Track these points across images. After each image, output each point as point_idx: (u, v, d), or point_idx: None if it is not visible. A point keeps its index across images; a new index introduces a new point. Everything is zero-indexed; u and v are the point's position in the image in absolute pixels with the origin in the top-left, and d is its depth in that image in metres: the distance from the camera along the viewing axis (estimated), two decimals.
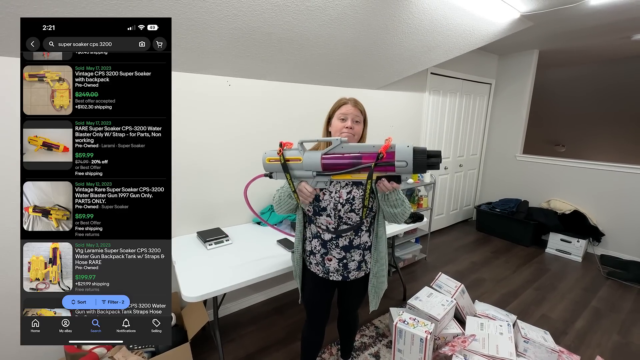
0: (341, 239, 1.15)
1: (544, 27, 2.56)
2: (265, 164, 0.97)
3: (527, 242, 3.25)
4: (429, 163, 0.80)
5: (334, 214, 1.12)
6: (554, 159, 3.39)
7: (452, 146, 3.55)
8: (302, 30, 1.57)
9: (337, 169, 0.88)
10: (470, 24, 2.03)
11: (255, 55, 1.67)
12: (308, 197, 0.99)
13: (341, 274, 1.19)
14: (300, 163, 0.92)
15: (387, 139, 0.84)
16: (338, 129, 1.11)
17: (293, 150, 0.95)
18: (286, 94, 2.06)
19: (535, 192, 3.50)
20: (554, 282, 2.55)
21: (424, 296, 1.84)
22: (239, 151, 1.93)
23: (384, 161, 0.82)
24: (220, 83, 1.78)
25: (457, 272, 2.70)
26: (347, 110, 1.12)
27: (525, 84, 3.49)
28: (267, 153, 0.97)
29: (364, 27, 1.67)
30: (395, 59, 2.20)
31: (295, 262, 1.27)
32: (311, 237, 1.21)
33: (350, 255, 1.17)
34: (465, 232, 3.68)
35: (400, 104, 2.84)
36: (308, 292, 1.28)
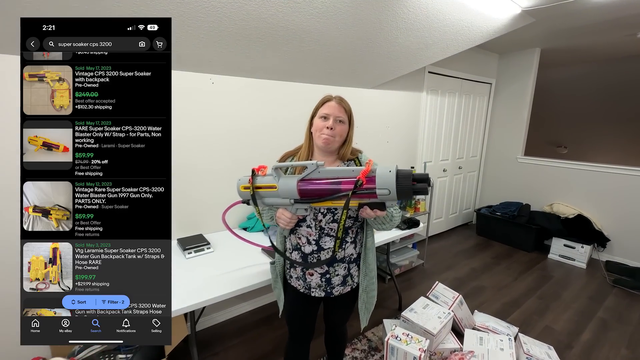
0: (323, 252, 1.03)
1: (546, 23, 2.46)
2: (240, 191, 0.91)
3: (529, 248, 3.14)
4: (415, 189, 0.70)
5: (315, 225, 1.02)
6: (556, 160, 3.28)
7: (451, 148, 3.44)
8: (288, 24, 1.47)
9: (316, 196, 0.80)
10: (469, 20, 1.93)
11: (239, 51, 1.57)
12: (288, 223, 0.92)
13: (324, 289, 1.08)
14: (276, 191, 0.83)
15: (367, 162, 0.76)
16: (318, 128, 1.01)
17: (267, 176, 0.87)
18: (274, 93, 1.96)
19: (538, 195, 3.39)
20: (558, 290, 2.44)
21: (419, 307, 1.72)
22: (224, 153, 1.83)
23: (364, 188, 0.73)
24: (202, 80, 1.68)
25: (456, 279, 2.58)
26: (330, 108, 1.01)
27: (526, 83, 3.38)
28: (240, 180, 0.91)
29: (355, 22, 1.57)
30: (390, 56, 2.09)
31: (275, 275, 1.16)
32: (291, 249, 1.10)
33: (333, 269, 1.06)
34: (465, 237, 3.57)
35: (397, 104, 2.73)
36: (289, 307, 1.17)
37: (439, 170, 3.37)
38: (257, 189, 0.87)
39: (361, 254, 1.10)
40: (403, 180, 0.69)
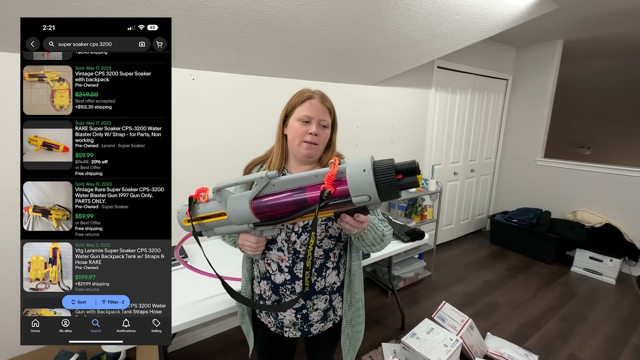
0: (298, 282, 0.84)
1: (571, 11, 2.20)
2: (184, 226, 0.72)
3: (550, 259, 2.86)
4: (402, 184, 0.54)
5: (287, 248, 0.82)
6: (580, 163, 2.98)
7: (462, 149, 3.19)
8: (274, 12, 1.30)
9: (278, 214, 0.64)
10: (483, 7, 1.71)
11: (222, 43, 1.41)
12: (256, 248, 0.74)
13: (300, 328, 0.89)
14: (227, 219, 0.67)
15: (331, 162, 0.58)
16: (298, 134, 0.80)
17: (210, 202, 0.69)
18: (263, 90, 1.79)
19: (559, 202, 3.10)
20: (583, 311, 2.17)
21: (422, 332, 1.51)
22: (206, 155, 1.67)
23: (335, 196, 0.57)
24: (181, 76, 1.53)
25: (466, 294, 2.35)
26: (312, 109, 0.80)
27: (547, 79, 3.10)
28: (179, 212, 0.72)
29: (351, 9, 1.39)
30: (393, 49, 1.89)
31: (243, 309, 0.97)
32: (259, 278, 0.90)
33: (311, 303, 0.87)
34: (478, 245, 3.31)
35: (402, 102, 2.52)
36: (260, 347, 0.98)
37: (449, 173, 3.14)
38: (202, 221, 0.69)
39: (345, 280, 0.91)
40: (383, 176, 0.53)
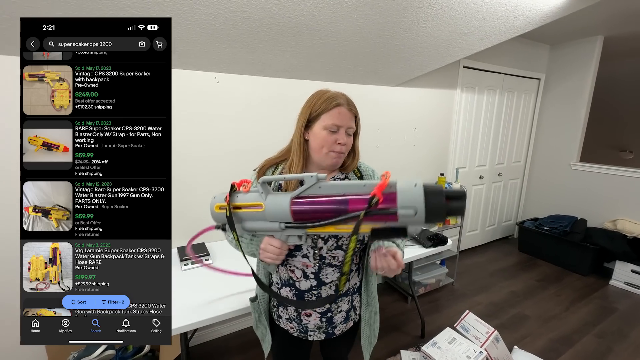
0: (324, 287, 0.83)
1: (613, 5, 2.05)
2: (214, 213, 0.72)
3: (585, 271, 2.67)
4: (449, 209, 0.52)
5: (313, 254, 0.81)
6: (621, 168, 2.76)
7: (489, 152, 3.06)
8: (297, 15, 1.31)
9: (314, 218, 0.62)
10: (514, 3, 1.62)
11: (245, 46, 1.44)
12: (277, 257, 0.70)
13: (324, 331, 0.89)
14: (262, 211, 0.65)
15: (383, 175, 0.57)
16: (327, 143, 0.77)
17: (251, 193, 0.68)
18: (285, 92, 1.81)
19: (596, 209, 2.89)
20: (623, 328, 2.00)
21: (444, 342, 1.46)
22: (229, 156, 1.71)
23: (380, 207, 0.55)
24: (206, 79, 1.58)
25: (491, 304, 2.24)
26: (341, 117, 0.77)
27: (585, 78, 2.90)
28: (216, 197, 0.72)
29: (375, 10, 1.37)
30: (417, 49, 1.85)
31: (258, 313, 0.95)
32: (280, 284, 0.89)
33: (336, 306, 0.87)
34: (504, 253, 3.15)
35: (426, 103, 2.45)
36: (278, 352, 0.98)
37: (475, 177, 3.01)
38: (236, 210, 0.68)
39: (362, 280, 0.91)
40: (433, 196, 0.52)
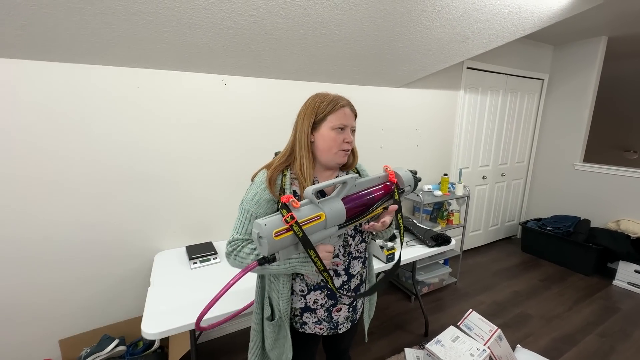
0: (353, 279, 0.91)
1: (617, 5, 2.05)
2: (272, 242, 0.61)
3: (588, 271, 2.67)
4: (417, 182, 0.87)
5: (343, 252, 0.87)
6: (625, 169, 2.76)
7: (492, 152, 3.07)
8: (302, 18, 1.33)
9: (356, 214, 0.74)
10: (517, 5, 1.64)
11: (250, 50, 1.47)
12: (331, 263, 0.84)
13: (351, 319, 0.96)
14: (323, 221, 0.66)
15: (385, 167, 0.84)
16: (336, 143, 0.82)
17: (306, 206, 0.67)
18: (290, 94, 1.83)
19: (600, 209, 2.89)
20: (626, 328, 2.01)
21: (447, 340, 1.48)
22: (236, 157, 1.74)
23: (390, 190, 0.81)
24: (214, 82, 1.61)
25: (494, 303, 2.26)
26: (346, 117, 0.83)
27: (588, 78, 2.90)
28: (266, 224, 0.60)
29: (381, 13, 1.39)
30: (421, 51, 1.87)
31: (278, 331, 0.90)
32: (306, 291, 0.88)
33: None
34: (508, 253, 3.16)
35: (429, 103, 2.47)
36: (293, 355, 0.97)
37: (478, 177, 3.02)
38: (304, 226, 0.64)
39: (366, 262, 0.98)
40: (414, 176, 0.87)
